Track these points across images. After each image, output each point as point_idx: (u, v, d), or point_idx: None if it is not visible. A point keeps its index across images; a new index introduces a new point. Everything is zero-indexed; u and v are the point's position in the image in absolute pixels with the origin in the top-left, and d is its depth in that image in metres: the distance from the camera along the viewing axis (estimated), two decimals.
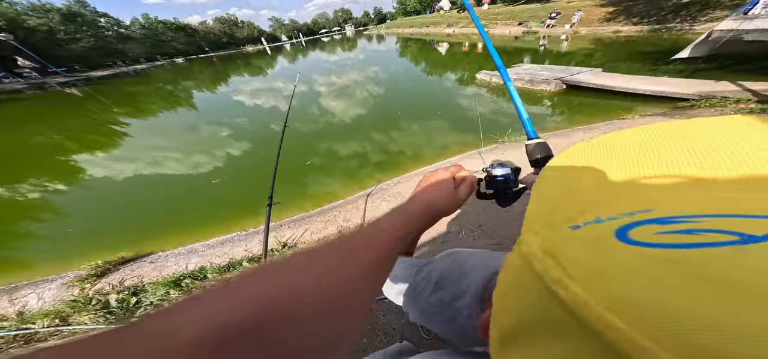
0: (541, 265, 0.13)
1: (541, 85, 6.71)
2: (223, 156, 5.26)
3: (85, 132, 9.47)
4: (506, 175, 0.50)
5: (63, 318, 1.49)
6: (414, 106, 7.01)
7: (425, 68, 13.17)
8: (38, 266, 2.49)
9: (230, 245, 2.37)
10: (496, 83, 7.82)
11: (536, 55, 13.15)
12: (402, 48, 25.65)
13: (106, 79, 27.43)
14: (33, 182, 5.04)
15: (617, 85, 5.65)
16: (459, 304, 0.47)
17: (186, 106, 12.24)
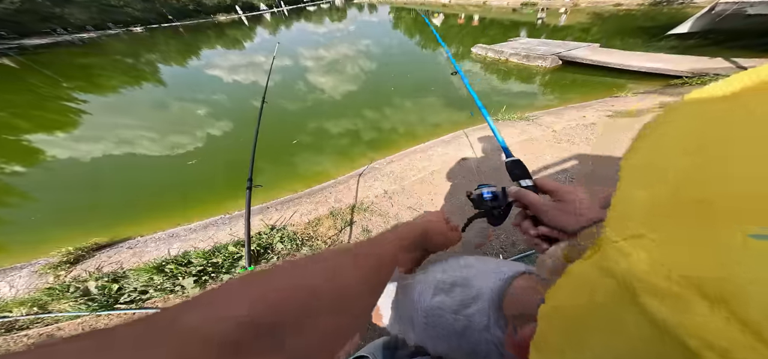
0: (686, 313, 0.07)
1: (537, 61, 6.76)
2: (202, 136, 5.05)
3: (33, 109, 8.63)
4: (493, 193, 0.53)
5: (41, 306, 1.47)
6: (407, 82, 6.95)
7: (419, 42, 12.90)
8: (4, 253, 2.37)
9: (214, 229, 2.36)
10: (491, 58, 7.84)
11: (534, 28, 13.11)
12: (395, 19, 24.73)
13: (46, 48, 24.60)
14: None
15: (614, 62, 5.75)
16: (470, 311, 0.40)
17: (152, 81, 11.36)
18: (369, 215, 2.33)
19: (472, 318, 0.40)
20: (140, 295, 1.59)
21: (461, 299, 0.43)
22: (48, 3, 41.20)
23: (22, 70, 16.44)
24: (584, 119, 3.61)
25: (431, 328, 0.44)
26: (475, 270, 0.47)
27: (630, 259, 0.09)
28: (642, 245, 0.09)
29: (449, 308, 0.43)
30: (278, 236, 2.11)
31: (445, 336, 0.42)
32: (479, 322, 0.39)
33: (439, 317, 0.43)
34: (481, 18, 18.75)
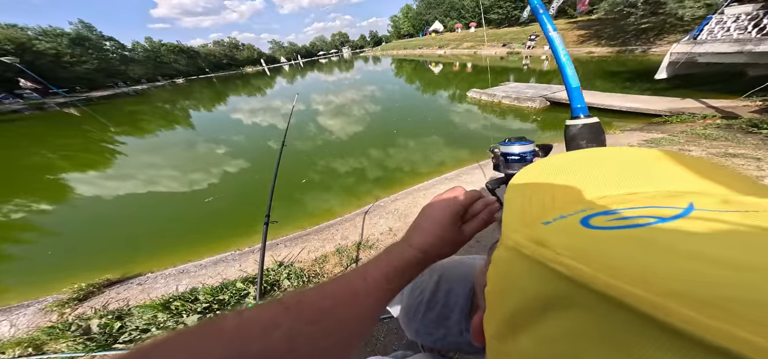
0: (534, 252, 0.15)
1: (527, 103, 7.03)
2: (219, 173, 5.20)
3: (79, 151, 9.34)
4: (523, 153, 0.43)
5: (37, 347, 1.38)
6: (410, 123, 7.18)
7: (419, 87, 13.64)
8: (14, 290, 2.34)
9: (224, 265, 2.28)
10: (486, 101, 8.18)
11: (521, 73, 13.90)
12: (397, 69, 26.63)
13: (106, 100, 27.55)
14: (18, 202, 4.86)
15: (597, 102, 5.94)
16: (449, 323, 0.47)
17: (184, 124, 12.25)
18: (374, 252, 2.22)
19: (450, 330, 0.46)
20: (141, 334, 1.47)
21: (443, 313, 0.48)
22: (117, 62, 47.37)
23: (81, 117, 18.20)
24: None
25: (423, 337, 0.52)
26: (456, 278, 0.51)
27: (516, 240, 0.17)
28: (517, 234, 0.17)
29: (434, 322, 0.49)
30: (285, 273, 2.00)
31: (433, 341, 0.50)
32: (455, 329, 0.46)
33: (429, 334, 0.50)
34: (474, 66, 20.29)
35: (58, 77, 37.52)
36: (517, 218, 0.20)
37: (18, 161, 8.47)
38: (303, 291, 0.26)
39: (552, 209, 0.18)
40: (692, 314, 0.08)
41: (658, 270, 0.10)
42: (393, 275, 0.32)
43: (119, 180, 5.55)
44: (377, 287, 0.30)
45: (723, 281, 0.09)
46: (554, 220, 0.17)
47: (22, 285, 2.51)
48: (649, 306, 0.09)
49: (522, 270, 0.16)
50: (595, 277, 0.11)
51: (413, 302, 0.55)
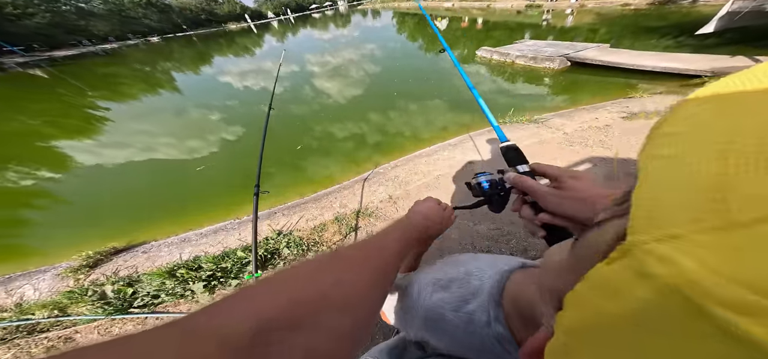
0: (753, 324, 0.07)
1: (545, 63, 6.56)
2: (215, 141, 5.16)
3: (60, 117, 9.05)
4: (491, 180, 0.53)
5: (62, 309, 1.53)
6: (412, 85, 6.91)
7: (422, 46, 12.81)
8: (30, 256, 2.49)
9: (224, 234, 2.40)
10: (497, 61, 7.65)
11: (539, 30, 12.75)
12: (399, 24, 24.78)
13: (72, 60, 25.86)
14: (18, 170, 4.87)
15: (624, 62, 5.49)
16: (470, 308, 0.39)
17: (169, 88, 11.72)
18: (373, 220, 2.32)
19: (473, 315, 0.38)
20: (152, 299, 1.63)
21: (460, 295, 0.42)
22: (74, 16, 43.32)
23: (52, 81, 17.27)
24: (597, 120, 3.47)
25: (431, 323, 0.43)
26: (472, 266, 0.46)
27: (674, 263, 0.08)
28: (682, 248, 0.08)
29: (449, 305, 0.42)
30: (284, 242, 2.12)
31: (446, 331, 0.41)
32: (479, 319, 0.38)
33: (439, 314, 0.42)
34: (485, 21, 18.44)
35: (6, 32, 34.50)
36: (689, 200, 0.09)
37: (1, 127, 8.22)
38: (339, 250, 0.32)
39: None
40: None
41: None
42: (402, 239, 0.41)
43: (113, 148, 5.49)
44: (393, 244, 0.39)
45: None
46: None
47: (32, 250, 2.66)
48: None
49: (698, 345, 0.08)
50: None
51: (419, 281, 0.48)
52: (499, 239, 1.95)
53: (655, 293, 0.09)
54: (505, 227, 2.03)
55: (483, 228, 2.05)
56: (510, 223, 2.04)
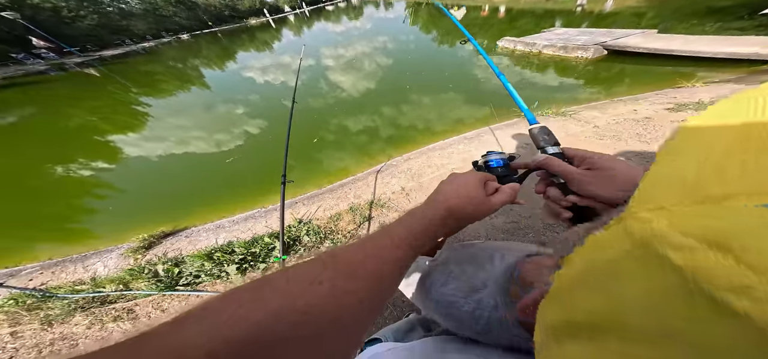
0: (698, 259, 0.08)
1: (577, 52, 5.87)
2: (241, 134, 5.36)
3: (112, 113, 9.71)
4: (504, 161, 0.48)
5: (125, 284, 1.74)
6: (425, 78, 6.64)
7: (437, 37, 12.04)
8: (99, 238, 2.81)
9: (253, 221, 2.56)
10: (520, 51, 6.97)
11: (571, 17, 11.28)
12: (412, 15, 23.58)
13: (119, 59, 27.15)
14: (81, 162, 5.34)
15: (676, 49, 4.72)
16: (480, 296, 0.40)
17: (199, 85, 12.14)
18: (386, 211, 2.36)
19: (481, 302, 0.39)
20: (194, 279, 1.80)
21: (471, 284, 0.42)
22: (117, 16, 45.15)
23: (103, 79, 18.34)
24: (635, 113, 3.16)
25: (443, 308, 0.44)
26: (485, 256, 0.45)
27: (651, 224, 0.10)
28: (663, 214, 0.10)
29: (459, 292, 0.43)
30: (305, 230, 2.23)
31: (455, 316, 0.43)
32: (487, 304, 0.38)
33: (450, 302, 0.43)
34: (508, 9, 16.33)
35: (63, 34, 36.57)
36: (682, 183, 0.12)
37: (65, 123, 8.99)
38: (336, 248, 0.28)
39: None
40: None
41: None
42: (419, 233, 0.33)
43: (155, 141, 5.84)
44: (402, 242, 0.31)
45: None
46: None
47: (99, 234, 2.99)
48: None
49: (653, 277, 0.10)
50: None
51: (431, 271, 0.49)
52: (516, 232, 1.88)
53: (634, 243, 0.11)
54: (523, 221, 1.94)
55: (499, 221, 1.98)
56: (527, 217, 1.95)
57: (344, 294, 0.24)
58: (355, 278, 0.25)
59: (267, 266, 1.96)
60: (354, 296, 0.24)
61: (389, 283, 0.29)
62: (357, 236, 2.16)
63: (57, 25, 36.18)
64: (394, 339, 0.66)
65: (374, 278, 0.27)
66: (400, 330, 0.72)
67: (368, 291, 0.26)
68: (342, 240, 2.11)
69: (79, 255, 2.16)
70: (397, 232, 0.32)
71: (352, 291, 0.25)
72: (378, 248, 0.29)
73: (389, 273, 0.29)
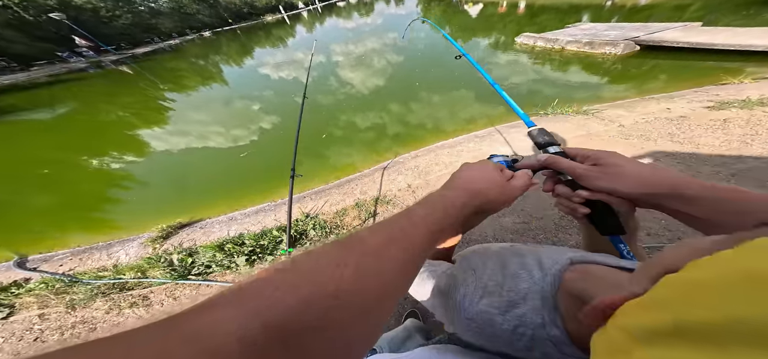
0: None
1: (604, 48, 5.40)
2: (256, 130, 5.46)
3: (142, 109, 10.24)
4: (508, 162, 0.48)
5: (142, 272, 1.81)
6: (436, 76, 6.41)
7: (450, 34, 11.43)
8: (122, 228, 2.96)
9: (263, 215, 2.59)
10: (541, 48, 6.51)
11: (600, 12, 10.44)
12: (424, 11, 22.83)
13: (148, 56, 28.54)
14: (114, 155, 5.67)
15: (723, 43, 4.19)
16: (520, 311, 0.36)
17: (219, 81, 12.50)
18: (391, 207, 2.31)
19: (524, 318, 0.35)
20: (206, 269, 1.84)
21: (509, 299, 0.38)
22: (147, 15, 47.35)
23: (135, 76, 19.39)
24: (669, 111, 2.89)
25: (477, 326, 0.39)
26: (517, 264, 0.41)
27: None
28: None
29: (497, 309, 0.38)
30: (311, 224, 2.22)
31: (490, 335, 0.38)
32: (532, 321, 0.35)
33: (487, 320, 0.38)
34: (529, 4, 15.20)
35: (101, 34, 38.87)
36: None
37: (100, 118, 9.60)
38: (359, 232, 0.27)
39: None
40: None
41: None
42: (439, 216, 0.31)
43: (178, 136, 6.09)
44: (422, 224, 0.30)
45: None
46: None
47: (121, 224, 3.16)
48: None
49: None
50: None
51: (462, 282, 0.43)
52: (526, 233, 1.77)
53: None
54: (533, 222, 1.82)
55: (508, 221, 1.87)
56: (538, 217, 1.83)
57: (370, 278, 0.23)
58: (380, 260, 0.25)
59: (274, 258, 1.97)
60: (379, 279, 0.24)
61: (411, 268, 0.28)
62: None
63: (96, 24, 38.53)
64: (389, 349, 0.63)
65: (397, 261, 0.26)
66: (396, 339, 0.68)
67: (392, 274, 0.25)
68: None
69: (105, 243, 2.29)
70: (418, 214, 0.30)
71: (378, 273, 0.24)
72: (399, 231, 0.28)
73: (411, 258, 0.28)
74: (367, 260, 0.24)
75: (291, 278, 0.20)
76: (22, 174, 4.88)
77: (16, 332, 1.47)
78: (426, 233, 0.29)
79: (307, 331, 0.18)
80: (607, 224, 0.41)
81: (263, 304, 0.18)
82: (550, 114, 3.30)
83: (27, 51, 28.65)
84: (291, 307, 0.18)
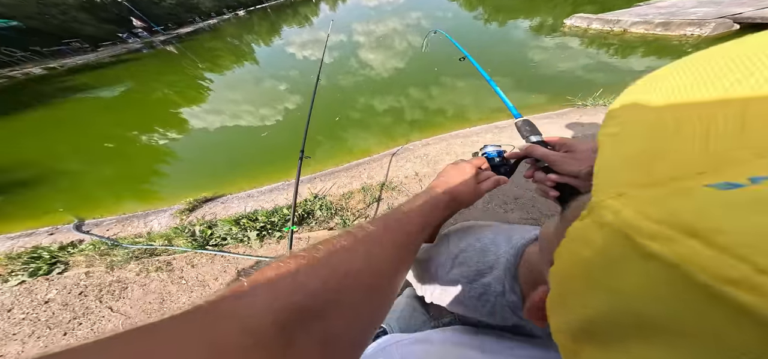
0: (675, 249, 0.08)
1: (685, 29, 4.27)
2: (282, 109, 5.54)
3: (185, 88, 10.97)
4: (498, 152, 0.54)
5: (169, 240, 1.97)
6: (460, 62, 5.74)
7: (482, 14, 9.78)
8: (162, 199, 3.27)
9: (277, 193, 2.65)
10: (595, 30, 5.40)
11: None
12: None
13: (190, 37, 29.91)
14: (159, 131, 6.16)
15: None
16: (486, 280, 0.40)
17: (250, 60, 12.80)
18: (396, 194, 2.21)
19: (488, 287, 0.39)
20: (222, 241, 1.95)
21: (477, 269, 0.41)
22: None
23: (179, 56, 20.71)
24: None
25: (447, 294, 0.43)
26: (488, 240, 0.44)
27: (619, 213, 0.10)
28: (629, 202, 0.10)
29: (465, 278, 0.42)
30: (318, 204, 2.22)
31: (460, 301, 0.42)
32: (495, 289, 0.38)
33: (457, 291, 0.42)
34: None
35: (152, 14, 40.84)
36: (628, 167, 0.12)
37: (150, 96, 10.51)
38: (362, 223, 0.30)
39: (726, 161, 0.09)
40: None
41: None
42: (428, 211, 0.37)
43: (214, 114, 6.38)
44: (414, 215, 0.34)
45: None
46: (760, 179, 0.08)
47: (158, 195, 3.48)
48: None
49: (631, 267, 0.09)
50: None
51: (435, 256, 0.47)
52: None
53: (609, 237, 0.10)
54: (543, 220, 1.68)
55: (515, 217, 1.75)
56: (546, 214, 1.70)
57: (377, 261, 0.27)
58: (383, 246, 0.28)
59: (282, 235, 2.02)
60: (384, 262, 0.27)
61: (408, 253, 0.32)
62: (365, 214, 2.08)
63: (148, 5, 40.97)
64: (399, 328, 0.63)
65: (396, 245, 0.30)
66: (403, 316, 0.69)
67: (392, 257, 0.29)
68: (351, 218, 2.06)
69: (143, 213, 2.53)
70: (410, 208, 0.35)
71: (383, 258, 0.27)
72: (395, 222, 0.32)
73: (406, 244, 0.31)
74: (371, 246, 0.27)
75: (310, 264, 0.23)
76: (91, 147, 5.55)
77: (67, 286, 1.71)
78: (418, 223, 0.34)
79: (326, 308, 0.21)
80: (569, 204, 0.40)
81: (289, 288, 0.20)
82: (590, 106, 2.82)
83: (95, 33, 31.49)
84: (311, 289, 0.21)
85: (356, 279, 0.23)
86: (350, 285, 0.23)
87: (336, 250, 0.25)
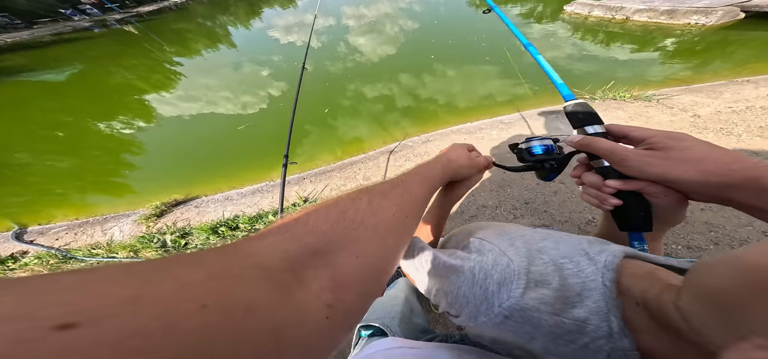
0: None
1: (690, 18, 4.22)
2: (265, 96, 5.20)
3: (148, 72, 10.04)
4: (546, 146, 0.47)
5: (135, 252, 1.76)
6: (457, 47, 5.71)
7: (473, 0, 9.76)
8: (124, 198, 2.94)
9: (260, 196, 2.47)
10: (596, 18, 5.36)
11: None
12: None
13: (153, 16, 27.44)
14: (122, 120, 5.55)
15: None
16: (580, 314, 0.30)
17: (226, 44, 11.97)
18: None
19: (585, 325, 0.29)
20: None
21: (561, 295, 0.31)
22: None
23: (141, 36, 18.91)
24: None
25: (520, 327, 0.32)
26: (553, 252, 0.34)
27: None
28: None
29: (549, 307, 0.31)
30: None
31: (540, 338, 0.31)
32: (597, 328, 0.29)
33: (537, 319, 0.31)
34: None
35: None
36: None
37: (108, 81, 9.52)
38: (366, 183, 0.35)
39: None
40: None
41: None
42: (426, 172, 0.41)
43: (186, 101, 5.85)
44: (416, 174, 0.39)
45: None
46: None
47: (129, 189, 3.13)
48: None
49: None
50: None
51: (491, 268, 0.34)
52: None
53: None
54: (556, 225, 1.63)
55: (525, 224, 1.68)
56: (562, 221, 1.62)
57: (380, 209, 0.29)
58: (386, 198, 0.31)
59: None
60: (388, 211, 0.30)
61: (412, 208, 0.34)
62: None
63: None
64: (401, 332, 0.60)
65: (400, 198, 0.33)
66: (404, 318, 0.66)
67: (397, 208, 0.31)
68: None
69: (100, 218, 2.26)
70: (414, 169, 0.41)
71: (386, 207, 0.30)
72: (399, 180, 0.36)
73: (410, 201, 0.34)
74: (376, 197, 0.30)
75: (319, 211, 0.26)
76: (39, 136, 4.91)
77: None
78: (420, 180, 0.39)
79: (335, 250, 0.23)
80: (632, 219, 0.36)
81: (302, 231, 0.23)
82: (598, 99, 2.85)
83: (30, 7, 27.95)
84: (321, 231, 0.23)
85: (363, 225, 0.26)
86: (357, 229, 0.25)
87: (344, 199, 0.28)
